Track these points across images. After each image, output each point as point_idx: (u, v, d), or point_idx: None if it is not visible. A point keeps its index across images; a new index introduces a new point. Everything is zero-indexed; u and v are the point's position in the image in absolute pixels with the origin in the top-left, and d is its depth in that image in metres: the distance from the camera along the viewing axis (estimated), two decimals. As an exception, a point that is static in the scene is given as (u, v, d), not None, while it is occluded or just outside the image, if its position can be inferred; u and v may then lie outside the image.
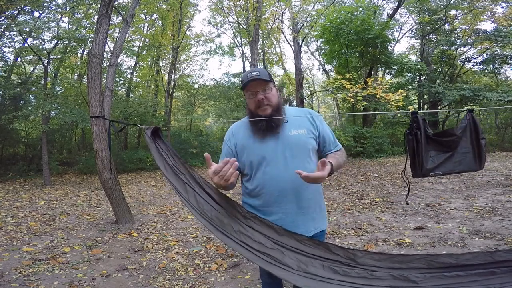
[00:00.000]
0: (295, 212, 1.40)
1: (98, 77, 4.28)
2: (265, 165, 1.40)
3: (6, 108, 10.32)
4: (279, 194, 1.39)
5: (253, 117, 1.41)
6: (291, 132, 1.42)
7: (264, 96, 1.38)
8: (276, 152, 1.39)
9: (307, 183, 1.37)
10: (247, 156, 1.43)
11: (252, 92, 1.39)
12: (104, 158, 4.29)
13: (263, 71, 1.40)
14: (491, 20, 14.37)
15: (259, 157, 1.41)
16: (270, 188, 1.39)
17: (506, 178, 6.88)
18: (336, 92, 12.09)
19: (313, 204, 1.45)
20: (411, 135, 1.56)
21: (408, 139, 1.57)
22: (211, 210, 1.33)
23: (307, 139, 1.43)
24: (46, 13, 9.79)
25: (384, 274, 0.99)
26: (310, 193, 1.43)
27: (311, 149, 1.44)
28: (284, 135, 1.41)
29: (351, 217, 4.50)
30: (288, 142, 1.40)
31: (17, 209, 5.56)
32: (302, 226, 1.41)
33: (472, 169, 1.56)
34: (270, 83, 1.40)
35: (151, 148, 1.53)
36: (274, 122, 1.40)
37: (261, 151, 1.40)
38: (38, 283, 2.65)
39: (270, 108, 1.39)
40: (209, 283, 2.65)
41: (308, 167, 1.41)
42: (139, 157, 11.81)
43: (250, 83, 1.37)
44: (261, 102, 1.38)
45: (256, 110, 1.40)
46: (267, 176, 1.40)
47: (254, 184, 1.44)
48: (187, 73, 16.98)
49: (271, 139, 1.40)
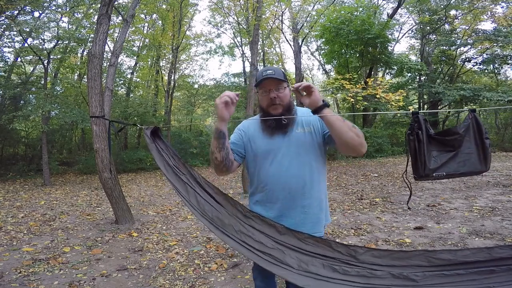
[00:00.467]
0: (299, 210, 1.41)
1: (98, 77, 4.28)
2: (270, 161, 1.42)
3: (6, 108, 10.33)
4: (283, 191, 1.40)
5: (264, 115, 1.45)
6: (298, 129, 1.44)
7: (276, 95, 1.40)
8: (282, 149, 1.42)
9: (312, 182, 1.41)
10: (253, 149, 1.47)
11: (266, 89, 1.41)
12: (104, 158, 4.29)
13: (278, 71, 1.42)
14: (491, 20, 14.39)
15: (264, 152, 1.43)
16: (274, 184, 1.41)
17: (506, 178, 6.87)
18: (336, 92, 12.08)
19: (317, 203, 1.45)
20: (412, 135, 1.52)
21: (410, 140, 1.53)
22: (212, 210, 1.33)
23: (314, 137, 1.44)
24: (46, 13, 9.80)
25: (384, 273, 0.99)
26: (315, 191, 1.44)
27: (317, 147, 1.44)
28: (292, 133, 1.43)
29: (351, 217, 4.50)
30: (295, 139, 1.42)
31: (17, 209, 5.57)
32: (305, 224, 1.41)
33: (477, 169, 1.52)
34: (284, 83, 1.42)
35: (151, 149, 1.53)
36: (284, 122, 1.42)
37: (267, 146, 1.43)
38: (38, 283, 2.65)
39: (281, 107, 1.42)
40: (209, 283, 2.65)
41: (314, 164, 1.42)
42: (139, 157, 11.82)
43: (264, 81, 1.39)
44: (273, 100, 1.40)
45: (268, 108, 1.43)
46: (271, 173, 1.42)
47: (259, 180, 1.46)
48: (187, 73, 17.00)
49: (279, 136, 1.43)
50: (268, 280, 1.65)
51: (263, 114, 1.46)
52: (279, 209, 1.42)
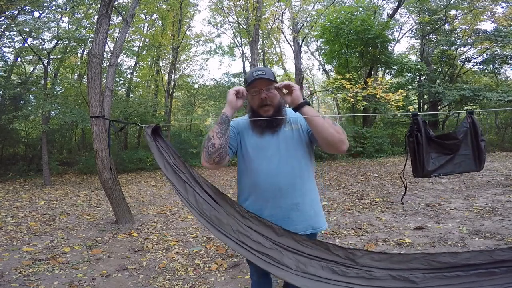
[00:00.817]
0: (289, 207, 1.42)
1: (98, 77, 4.28)
2: (260, 158, 1.44)
3: (6, 108, 10.32)
4: (273, 189, 1.41)
5: (254, 115, 1.47)
6: (286, 127, 1.47)
7: (267, 95, 1.42)
8: (271, 147, 1.43)
9: (302, 179, 1.43)
10: (243, 145, 1.49)
11: (257, 89, 1.43)
12: (104, 158, 4.29)
13: (268, 71, 1.44)
14: (491, 20, 14.40)
15: (254, 150, 1.45)
16: (264, 182, 1.42)
17: (506, 178, 6.87)
18: (336, 92, 12.08)
19: (308, 201, 1.46)
20: (411, 137, 1.56)
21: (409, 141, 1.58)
22: (210, 210, 1.33)
23: (302, 135, 1.47)
24: (46, 13, 9.80)
25: (384, 275, 0.99)
26: (305, 189, 1.45)
27: (305, 145, 1.47)
28: (281, 131, 1.46)
29: (351, 217, 4.50)
30: (284, 138, 1.44)
31: (17, 209, 5.57)
32: (298, 223, 1.42)
33: (471, 170, 1.59)
34: (274, 84, 1.44)
35: (151, 147, 1.53)
36: (274, 122, 1.44)
37: (257, 145, 1.45)
38: (38, 283, 2.65)
39: (272, 108, 1.44)
40: (209, 283, 2.65)
41: (303, 162, 1.45)
42: (139, 157, 11.81)
43: (255, 81, 1.41)
44: (264, 100, 1.42)
45: (258, 109, 1.45)
46: (261, 171, 1.43)
47: (248, 178, 1.46)
48: (187, 73, 17.00)
49: (269, 135, 1.45)
50: (264, 276, 1.66)
51: (252, 114, 1.48)
52: (269, 207, 1.42)
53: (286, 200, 1.41)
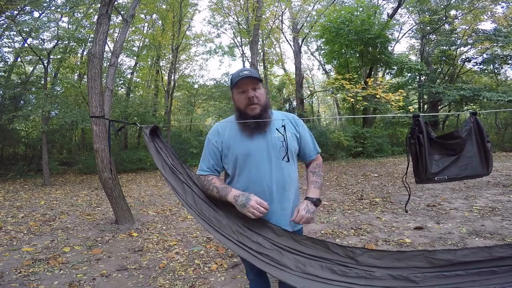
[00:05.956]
0: (279, 212, 1.43)
1: (98, 77, 4.28)
2: (250, 164, 1.42)
3: (6, 108, 10.32)
4: (264, 195, 1.41)
5: (242, 115, 1.45)
6: (276, 133, 1.45)
7: (254, 94, 1.41)
8: (262, 152, 1.43)
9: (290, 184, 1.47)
10: (233, 152, 1.45)
11: (243, 89, 1.42)
12: (104, 158, 4.29)
13: (253, 71, 1.44)
14: (491, 20, 14.40)
15: (245, 154, 1.43)
16: (255, 188, 1.41)
17: (506, 178, 6.87)
18: (336, 92, 12.11)
19: (293, 205, 1.49)
20: (413, 138, 1.50)
21: (411, 143, 1.51)
22: (209, 210, 1.33)
23: (291, 141, 1.47)
24: (46, 13, 9.79)
25: (383, 274, 0.99)
26: (291, 193, 1.48)
27: (294, 152, 1.49)
28: (271, 135, 1.45)
29: (351, 217, 4.50)
30: (274, 143, 1.44)
31: (17, 209, 5.56)
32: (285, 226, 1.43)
33: (479, 173, 1.50)
34: (260, 83, 1.44)
35: (149, 147, 1.53)
36: (263, 122, 1.44)
37: (248, 148, 1.43)
38: (38, 283, 2.65)
39: (259, 107, 1.43)
40: (209, 283, 2.65)
41: (290, 168, 1.47)
42: (139, 157, 11.80)
43: (242, 81, 1.40)
44: (251, 100, 1.41)
45: (246, 108, 1.43)
46: (252, 177, 1.42)
47: (239, 185, 1.45)
48: (187, 73, 16.98)
49: (259, 137, 1.44)
50: (261, 274, 1.66)
51: (240, 115, 1.46)
52: None
53: (276, 206, 1.43)
